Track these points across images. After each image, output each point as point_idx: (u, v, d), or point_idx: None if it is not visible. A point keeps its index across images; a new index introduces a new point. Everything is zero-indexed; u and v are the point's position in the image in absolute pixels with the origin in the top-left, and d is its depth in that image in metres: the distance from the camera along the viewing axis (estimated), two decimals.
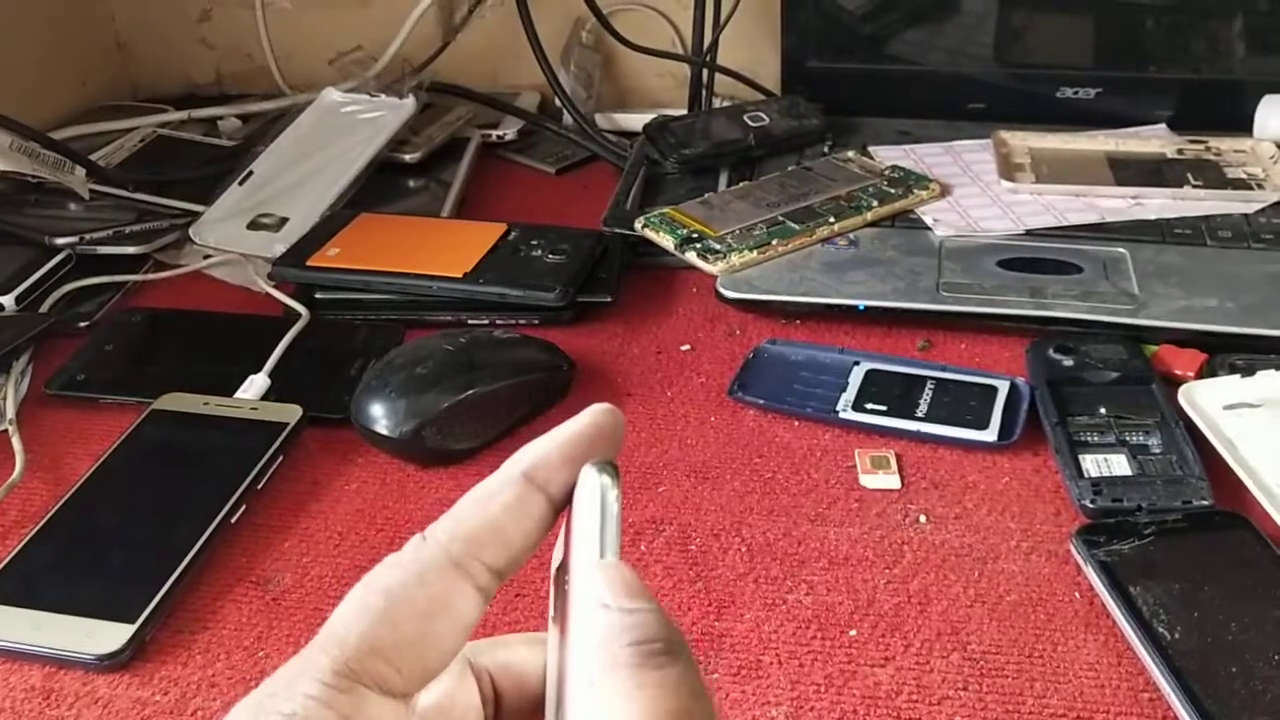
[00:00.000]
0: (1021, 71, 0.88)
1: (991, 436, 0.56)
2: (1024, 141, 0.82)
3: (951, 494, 0.54)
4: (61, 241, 0.75)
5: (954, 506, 0.53)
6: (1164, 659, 0.43)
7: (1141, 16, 0.85)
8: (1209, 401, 0.56)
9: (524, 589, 0.49)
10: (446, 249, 0.71)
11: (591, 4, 0.90)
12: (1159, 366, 0.60)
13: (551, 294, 0.67)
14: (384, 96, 0.89)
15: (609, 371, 0.64)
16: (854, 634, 0.47)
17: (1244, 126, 0.81)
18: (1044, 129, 0.83)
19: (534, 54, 0.91)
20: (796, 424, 0.59)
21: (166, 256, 0.77)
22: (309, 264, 0.70)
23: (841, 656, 0.46)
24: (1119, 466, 0.53)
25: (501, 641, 0.27)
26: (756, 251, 0.69)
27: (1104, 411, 0.57)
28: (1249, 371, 0.58)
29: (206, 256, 0.76)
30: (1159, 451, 0.54)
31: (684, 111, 0.90)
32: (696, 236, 0.70)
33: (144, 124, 0.95)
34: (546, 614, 0.25)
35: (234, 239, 0.77)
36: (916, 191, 0.75)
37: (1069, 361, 0.60)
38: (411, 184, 0.87)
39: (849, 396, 0.59)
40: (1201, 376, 0.59)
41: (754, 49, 0.94)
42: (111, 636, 0.46)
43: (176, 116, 0.96)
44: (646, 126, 0.84)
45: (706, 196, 0.76)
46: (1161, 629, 0.44)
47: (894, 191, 0.75)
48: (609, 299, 0.69)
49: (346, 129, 0.87)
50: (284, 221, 0.78)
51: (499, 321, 0.68)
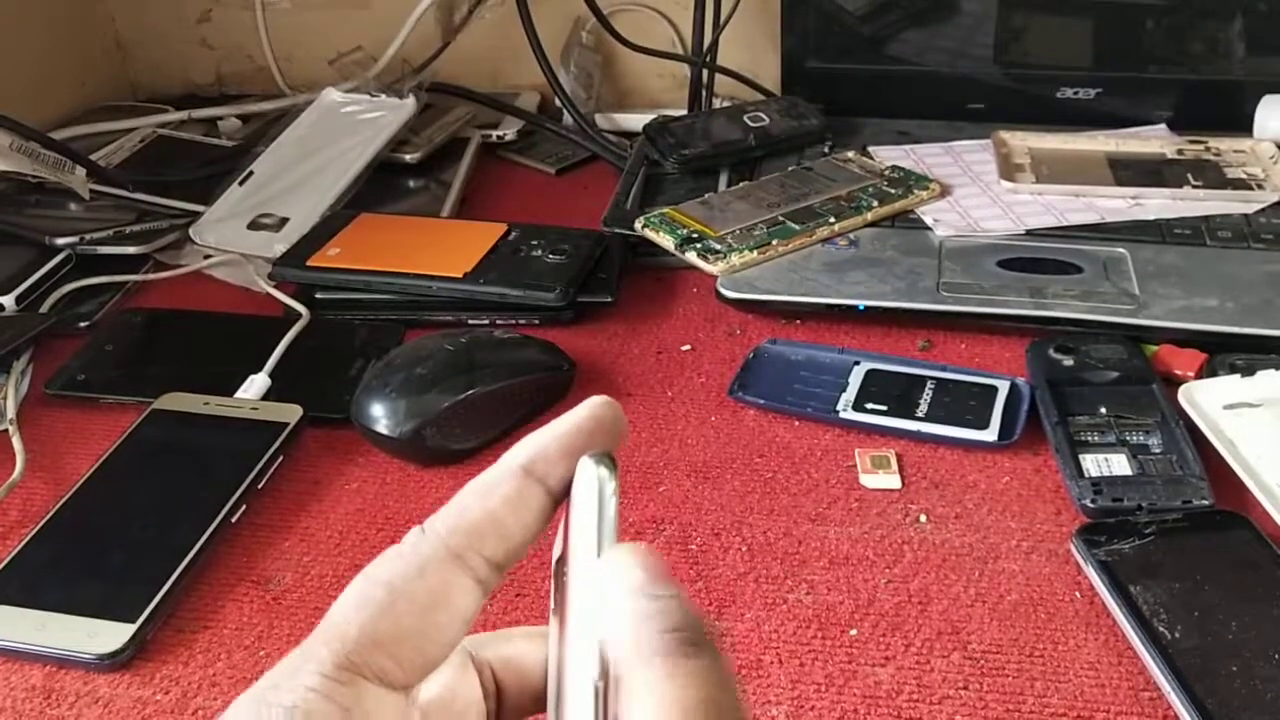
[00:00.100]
0: (1021, 72, 0.88)
1: (992, 436, 0.56)
2: (1024, 142, 0.82)
3: (952, 494, 0.54)
4: (62, 242, 0.75)
5: (954, 506, 0.53)
6: (1164, 658, 0.43)
7: (1141, 17, 0.85)
8: (1209, 401, 0.56)
9: (524, 589, 0.49)
10: (447, 249, 0.71)
11: (591, 4, 0.90)
12: (1159, 366, 0.60)
13: (552, 294, 0.67)
14: (384, 97, 0.89)
15: (609, 371, 0.64)
16: (854, 633, 0.47)
17: (1244, 127, 0.82)
18: (1044, 129, 0.83)
19: (534, 54, 0.91)
20: (797, 424, 0.59)
21: (167, 257, 0.77)
22: (309, 264, 0.70)
23: (842, 656, 0.46)
24: (1119, 466, 0.53)
25: (503, 635, 0.27)
26: (757, 251, 0.69)
27: (1104, 411, 0.57)
28: (1249, 371, 0.58)
29: (207, 257, 0.76)
30: (1159, 451, 0.54)
31: (684, 112, 0.90)
32: (697, 236, 0.70)
33: (144, 124, 0.95)
34: (547, 608, 0.25)
35: (234, 239, 0.77)
36: (916, 192, 0.75)
37: (1069, 361, 0.60)
38: (411, 184, 0.87)
39: (849, 396, 0.60)
40: (1202, 376, 0.59)
41: (754, 49, 0.94)
42: (112, 636, 0.46)
43: (176, 117, 0.97)
44: (646, 127, 0.84)
45: (707, 197, 0.76)
46: (1162, 628, 0.44)
47: (894, 192, 0.75)
48: (609, 299, 0.69)
49: (347, 129, 0.87)
50: (284, 222, 0.78)
51: (499, 322, 0.68)
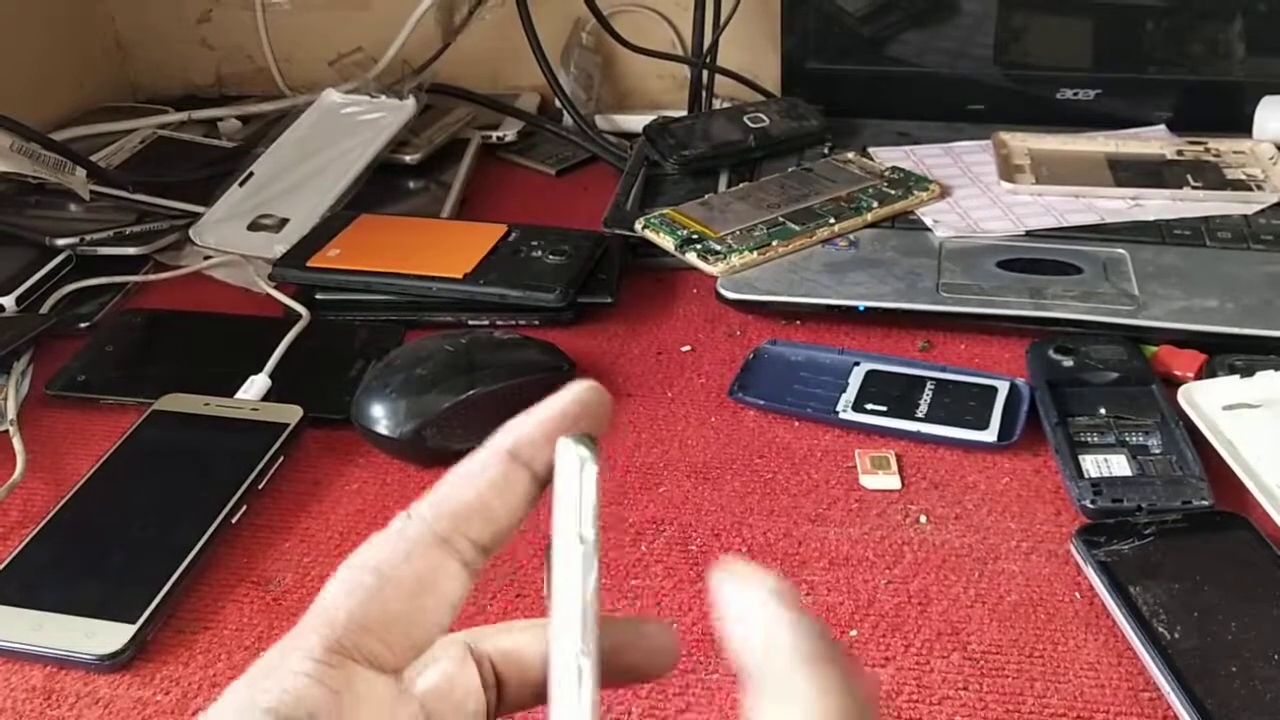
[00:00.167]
0: (1021, 73, 0.88)
1: (991, 437, 0.56)
2: (1024, 143, 0.82)
3: (952, 494, 0.54)
4: (62, 242, 0.75)
5: (954, 507, 0.53)
6: (1164, 659, 0.43)
7: (1141, 18, 0.85)
8: (1209, 402, 0.56)
9: (525, 589, 0.49)
10: (447, 250, 0.71)
11: (591, 5, 0.90)
12: (1159, 367, 0.60)
13: (552, 295, 0.67)
14: (384, 98, 0.89)
15: (609, 372, 0.65)
16: (855, 634, 0.47)
17: (1243, 127, 0.82)
18: (1044, 130, 0.83)
19: (534, 55, 0.91)
20: (797, 424, 0.59)
21: (167, 257, 0.77)
22: (309, 265, 0.71)
23: None
24: (1119, 467, 0.53)
25: (503, 628, 0.27)
26: (757, 252, 0.69)
27: (1104, 412, 0.57)
28: (1249, 372, 0.58)
29: (207, 257, 0.76)
30: (1159, 452, 0.54)
31: (684, 113, 0.90)
32: (697, 237, 0.71)
33: (144, 125, 0.95)
34: (544, 597, 0.25)
35: (234, 240, 0.77)
36: (916, 193, 0.75)
37: (1069, 362, 0.60)
38: (412, 185, 0.87)
39: (849, 397, 0.60)
40: (1201, 377, 0.59)
41: (754, 50, 0.94)
42: (112, 637, 0.46)
43: (177, 118, 0.97)
44: (646, 128, 0.84)
45: (707, 198, 0.76)
46: (1161, 629, 0.44)
47: (894, 193, 0.75)
48: (609, 300, 0.69)
49: (347, 130, 0.87)
50: (284, 222, 0.78)
51: (499, 322, 0.68)
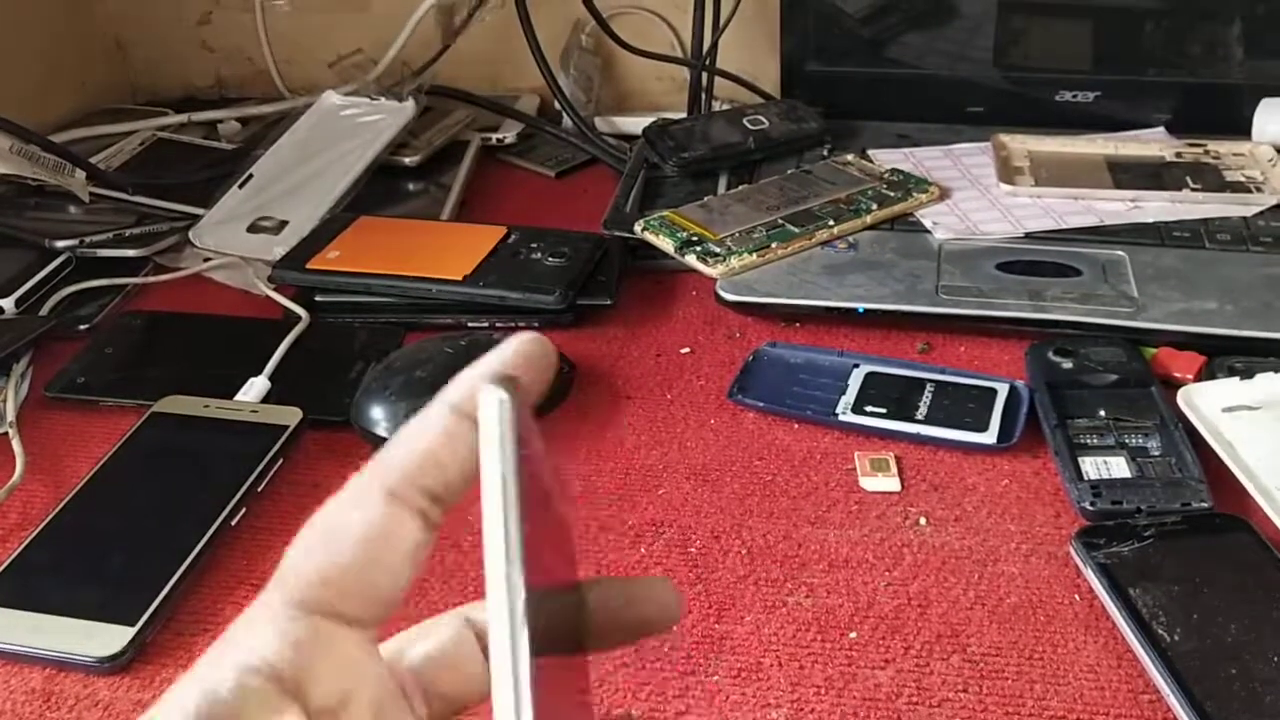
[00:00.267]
0: (1020, 75, 0.88)
1: (991, 439, 0.56)
2: (1023, 145, 0.82)
3: (951, 496, 0.54)
4: (62, 244, 0.75)
5: (954, 509, 0.53)
6: (1164, 661, 0.43)
7: (1140, 20, 0.85)
8: (1208, 404, 0.56)
9: None
10: (446, 252, 0.71)
11: (591, 7, 0.90)
12: (1158, 369, 0.60)
13: (551, 297, 0.67)
14: (384, 100, 0.89)
15: (609, 374, 0.65)
16: (854, 636, 0.47)
17: (1242, 130, 0.82)
18: (1043, 132, 0.83)
19: (534, 57, 0.91)
20: (796, 426, 0.59)
21: (166, 259, 0.77)
22: (309, 267, 0.71)
23: (842, 659, 0.46)
24: (1118, 469, 0.53)
25: None
26: (756, 254, 0.69)
27: (1103, 414, 0.57)
28: (1248, 374, 0.58)
29: (206, 259, 0.76)
30: (1158, 454, 0.54)
31: (683, 115, 0.90)
32: (696, 240, 0.71)
33: (144, 127, 0.95)
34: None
35: (234, 242, 0.77)
36: (915, 194, 0.75)
37: (1068, 364, 0.60)
38: (411, 187, 0.87)
39: (849, 399, 0.60)
40: (1201, 379, 0.59)
41: (753, 52, 0.94)
42: (112, 639, 0.46)
43: (176, 120, 0.97)
44: (646, 130, 0.84)
45: (706, 200, 0.76)
46: (1161, 631, 0.44)
47: (893, 195, 0.75)
48: (609, 302, 0.69)
49: (346, 132, 0.87)
50: (284, 224, 0.78)
51: (499, 324, 0.68)
